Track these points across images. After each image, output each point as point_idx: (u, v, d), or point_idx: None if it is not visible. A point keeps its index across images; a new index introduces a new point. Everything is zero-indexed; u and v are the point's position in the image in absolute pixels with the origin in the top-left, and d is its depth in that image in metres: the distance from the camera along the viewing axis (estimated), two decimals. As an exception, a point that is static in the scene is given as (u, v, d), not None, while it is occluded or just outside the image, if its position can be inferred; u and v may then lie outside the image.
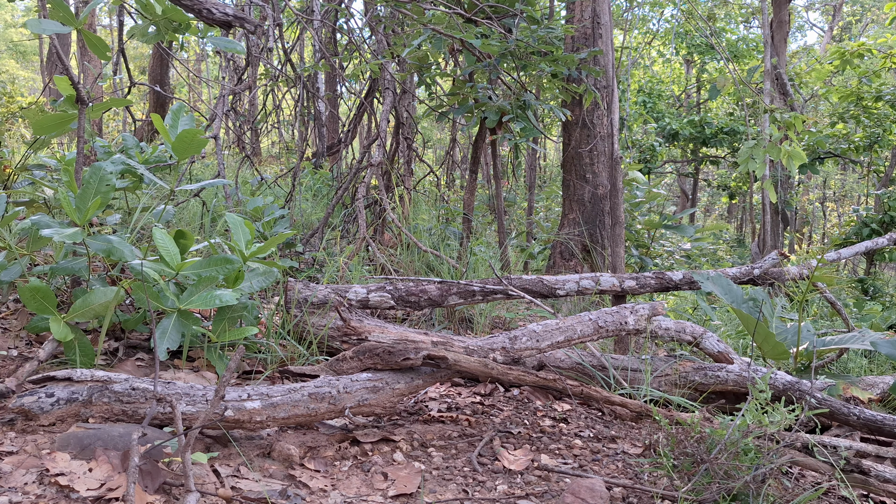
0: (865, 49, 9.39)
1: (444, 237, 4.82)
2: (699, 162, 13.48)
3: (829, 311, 5.63)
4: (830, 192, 19.80)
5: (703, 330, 2.67)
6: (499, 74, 4.31)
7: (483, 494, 1.55)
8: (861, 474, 1.87)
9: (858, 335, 2.88)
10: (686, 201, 16.46)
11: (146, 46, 16.15)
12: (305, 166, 6.79)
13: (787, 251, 8.18)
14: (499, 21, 4.13)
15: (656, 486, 1.65)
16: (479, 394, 2.35)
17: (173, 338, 1.96)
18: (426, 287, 2.80)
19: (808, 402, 2.29)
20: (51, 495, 1.31)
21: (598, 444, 1.96)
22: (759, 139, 5.16)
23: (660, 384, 2.47)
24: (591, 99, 4.80)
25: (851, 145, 10.07)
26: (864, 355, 4.18)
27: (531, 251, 6.27)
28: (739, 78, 7.53)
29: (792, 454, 1.74)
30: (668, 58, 17.15)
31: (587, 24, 5.44)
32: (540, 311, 3.55)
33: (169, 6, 2.31)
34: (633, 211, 7.09)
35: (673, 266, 7.13)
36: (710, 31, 12.08)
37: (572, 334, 2.29)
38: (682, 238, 7.47)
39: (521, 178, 11.63)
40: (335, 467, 1.61)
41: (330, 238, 4.23)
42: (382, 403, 1.78)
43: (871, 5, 20.05)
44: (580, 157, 5.61)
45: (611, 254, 3.88)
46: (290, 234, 2.40)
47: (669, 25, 15.33)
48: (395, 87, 5.02)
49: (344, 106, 9.96)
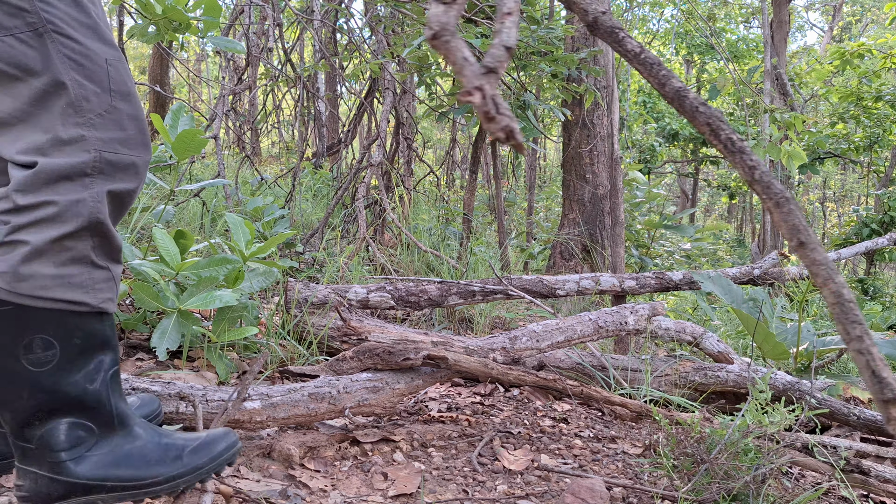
0: (865, 49, 9.39)
1: (444, 237, 4.82)
2: (699, 162, 13.48)
3: (830, 312, 5.62)
4: (830, 192, 19.81)
5: (703, 330, 2.67)
6: (499, 74, 4.30)
7: (483, 494, 1.55)
8: (861, 474, 1.88)
9: (858, 335, 2.87)
10: (686, 201, 16.47)
11: (146, 46, 16.16)
12: (305, 166, 6.79)
13: (787, 251, 8.18)
14: (499, 21, 4.12)
15: (656, 487, 1.65)
16: (479, 394, 2.35)
17: (173, 338, 1.96)
18: (426, 287, 2.80)
19: (808, 402, 2.29)
20: (51, 495, 1.31)
21: (598, 444, 1.96)
22: (759, 139, 5.16)
23: (660, 384, 2.47)
24: (592, 99, 4.80)
25: (851, 145, 10.07)
26: (864, 355, 4.17)
27: (531, 251, 6.27)
28: (739, 78, 7.53)
29: (792, 454, 1.74)
30: (668, 58, 17.15)
31: (587, 24, 5.43)
32: (540, 311, 3.56)
33: (169, 6, 2.31)
34: (633, 211, 7.10)
35: (673, 266, 7.13)
36: (710, 32, 12.08)
37: (572, 334, 2.29)
38: (682, 238, 7.47)
39: (521, 178, 11.64)
40: (335, 467, 1.61)
41: (330, 238, 4.23)
42: (382, 403, 1.79)
43: (871, 5, 20.05)
44: (580, 157, 5.61)
45: (611, 254, 3.89)
46: (290, 234, 2.40)
47: (669, 25, 15.34)
48: (395, 87, 5.02)
49: (344, 106, 9.96)
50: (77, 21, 1.03)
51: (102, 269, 1.05)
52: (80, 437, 1.05)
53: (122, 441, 1.09)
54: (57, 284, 1.00)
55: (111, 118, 1.04)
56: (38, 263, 0.98)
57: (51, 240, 0.99)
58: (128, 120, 1.07)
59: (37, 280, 0.99)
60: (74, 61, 1.01)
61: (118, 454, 1.08)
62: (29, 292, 0.99)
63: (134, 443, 1.10)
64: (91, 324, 1.05)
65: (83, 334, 1.04)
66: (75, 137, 1.00)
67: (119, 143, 1.05)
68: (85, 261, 1.02)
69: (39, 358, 1.00)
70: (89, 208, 1.01)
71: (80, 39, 1.02)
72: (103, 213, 1.03)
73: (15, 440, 1.03)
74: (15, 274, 0.98)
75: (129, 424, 1.11)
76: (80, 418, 1.05)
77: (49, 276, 0.99)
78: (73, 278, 1.01)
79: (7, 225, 0.98)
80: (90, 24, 1.04)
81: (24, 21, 0.97)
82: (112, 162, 1.04)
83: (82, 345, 1.04)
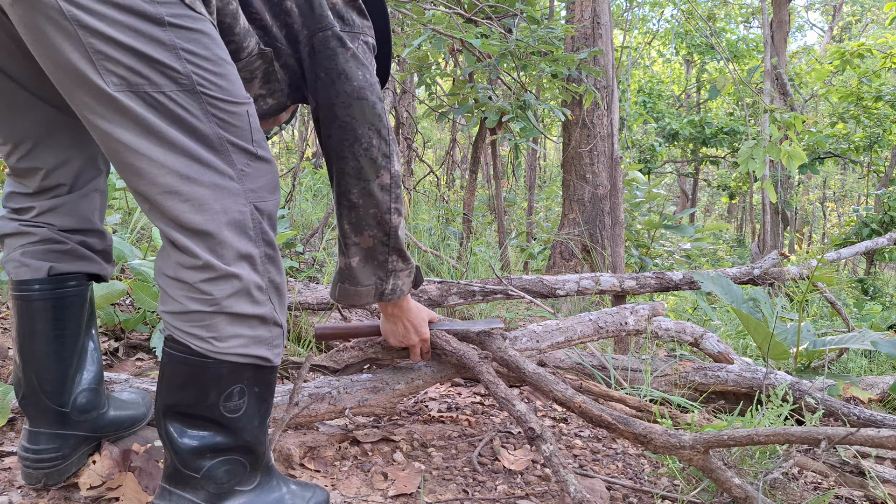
0: (865, 49, 9.39)
1: (444, 237, 4.82)
2: (699, 162, 13.49)
3: (829, 311, 5.63)
4: (830, 192, 19.81)
5: (703, 330, 2.67)
6: (499, 74, 4.31)
7: (483, 494, 1.55)
8: (861, 475, 1.87)
9: (858, 335, 2.88)
10: (686, 201, 16.48)
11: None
12: (305, 166, 6.79)
13: (787, 251, 8.18)
14: (499, 21, 4.13)
15: (656, 487, 1.65)
16: (479, 394, 2.35)
17: (173, 338, 1.95)
18: (426, 287, 2.80)
19: (808, 402, 2.29)
20: (51, 495, 1.31)
21: (598, 444, 1.96)
22: (759, 139, 5.16)
23: (660, 384, 2.47)
24: (591, 99, 4.81)
25: (851, 145, 10.08)
26: (864, 355, 4.18)
27: (531, 251, 6.27)
28: (739, 78, 7.53)
29: (796, 456, 1.74)
30: (668, 58, 17.17)
31: (587, 24, 5.44)
32: (540, 311, 3.56)
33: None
34: (633, 211, 7.10)
35: (673, 266, 7.14)
36: (710, 31, 12.08)
37: (572, 334, 2.29)
38: (682, 238, 7.47)
39: (521, 178, 11.64)
40: (335, 467, 1.61)
41: (330, 238, 4.23)
42: (382, 404, 1.78)
43: (871, 5, 20.06)
44: (580, 157, 5.61)
45: (611, 254, 3.89)
46: (290, 234, 2.40)
47: (669, 25, 15.34)
48: (395, 87, 5.03)
49: (344, 106, 9.94)
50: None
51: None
52: (236, 472, 1.15)
53: (266, 486, 1.21)
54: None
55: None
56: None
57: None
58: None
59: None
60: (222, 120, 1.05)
61: (265, 500, 1.19)
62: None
63: (278, 491, 1.22)
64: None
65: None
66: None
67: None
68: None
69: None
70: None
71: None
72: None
73: (181, 466, 1.11)
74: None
75: (271, 469, 1.23)
76: (240, 456, 1.16)
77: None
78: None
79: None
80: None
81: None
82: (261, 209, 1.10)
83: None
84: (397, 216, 1.36)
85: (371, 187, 1.29)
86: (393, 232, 1.37)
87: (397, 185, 1.33)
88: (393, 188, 1.32)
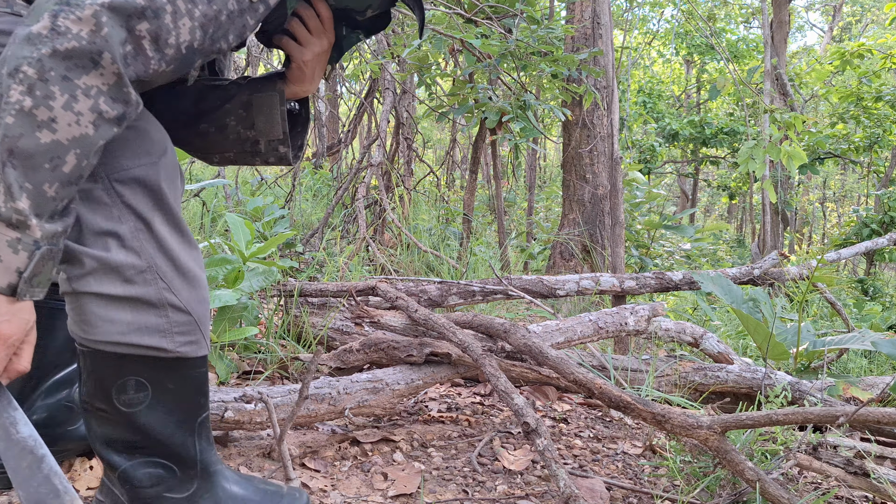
0: (865, 49, 9.39)
1: (444, 237, 4.82)
2: (699, 162, 13.48)
3: (829, 312, 5.63)
4: (830, 193, 19.81)
5: (703, 330, 2.67)
6: (499, 75, 4.31)
7: (483, 494, 1.55)
8: (863, 476, 1.87)
9: (858, 335, 2.88)
10: (686, 201, 16.48)
11: (146, 46, 16.10)
12: (305, 166, 6.79)
13: (787, 251, 8.18)
14: (499, 21, 4.13)
15: (656, 487, 1.65)
16: (479, 394, 2.35)
17: (173, 338, 1.96)
18: (426, 287, 2.80)
19: (808, 402, 2.29)
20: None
21: (598, 445, 1.96)
22: (759, 139, 5.16)
23: (660, 384, 2.47)
24: (591, 99, 4.80)
25: (851, 145, 10.07)
26: (864, 355, 4.18)
27: (531, 251, 6.27)
28: (739, 78, 7.53)
29: (797, 457, 1.74)
30: (668, 58, 17.17)
31: (587, 25, 5.44)
32: (540, 311, 3.55)
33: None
34: (633, 211, 7.09)
35: (673, 266, 7.13)
36: (710, 32, 12.08)
37: (572, 335, 2.29)
38: (682, 238, 7.47)
39: (521, 178, 11.63)
40: (335, 467, 1.61)
41: (330, 238, 4.23)
42: (382, 404, 1.78)
43: (871, 5, 20.06)
44: (580, 157, 5.61)
45: (611, 254, 3.88)
46: (290, 234, 2.40)
47: (669, 26, 15.34)
48: (395, 87, 5.03)
49: (344, 106, 9.96)
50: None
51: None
52: (162, 478, 1.09)
53: (205, 496, 1.13)
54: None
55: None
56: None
57: None
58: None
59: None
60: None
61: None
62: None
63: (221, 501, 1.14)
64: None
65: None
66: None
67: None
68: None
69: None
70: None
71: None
72: None
73: (100, 458, 1.08)
74: None
75: (214, 475, 1.14)
76: (163, 459, 1.09)
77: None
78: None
79: None
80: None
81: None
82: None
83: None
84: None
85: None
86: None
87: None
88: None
